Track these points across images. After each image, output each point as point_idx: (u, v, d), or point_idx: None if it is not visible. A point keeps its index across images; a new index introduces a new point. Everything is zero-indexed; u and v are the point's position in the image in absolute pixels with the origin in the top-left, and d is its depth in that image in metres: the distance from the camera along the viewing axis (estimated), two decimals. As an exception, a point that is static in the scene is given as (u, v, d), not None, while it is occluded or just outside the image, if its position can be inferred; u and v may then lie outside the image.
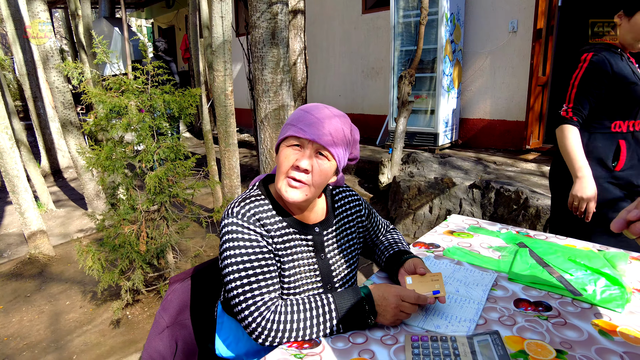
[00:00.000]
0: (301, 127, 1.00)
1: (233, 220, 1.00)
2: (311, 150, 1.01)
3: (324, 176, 1.03)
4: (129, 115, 2.42)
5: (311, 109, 1.04)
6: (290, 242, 1.07)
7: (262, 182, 1.14)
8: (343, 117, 1.05)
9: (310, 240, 1.11)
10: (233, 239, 0.99)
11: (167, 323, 1.31)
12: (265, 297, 0.97)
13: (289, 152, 1.01)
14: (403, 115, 4.26)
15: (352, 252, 1.22)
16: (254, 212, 1.02)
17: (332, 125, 1.01)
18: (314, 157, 1.01)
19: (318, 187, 1.04)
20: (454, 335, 0.93)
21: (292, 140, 1.02)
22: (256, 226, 1.01)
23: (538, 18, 4.55)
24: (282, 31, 3.26)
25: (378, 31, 6.28)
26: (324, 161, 1.02)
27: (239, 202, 1.05)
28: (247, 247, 0.99)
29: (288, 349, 0.93)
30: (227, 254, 0.99)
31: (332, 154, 1.02)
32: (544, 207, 3.01)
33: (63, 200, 5.44)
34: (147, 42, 6.97)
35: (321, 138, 0.99)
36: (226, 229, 1.01)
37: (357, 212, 1.25)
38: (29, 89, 5.99)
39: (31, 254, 3.65)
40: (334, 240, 1.16)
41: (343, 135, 1.03)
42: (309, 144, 1.00)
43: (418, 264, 1.11)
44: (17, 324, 2.77)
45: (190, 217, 2.86)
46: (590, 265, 1.25)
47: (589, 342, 0.91)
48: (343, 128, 1.03)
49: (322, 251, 1.13)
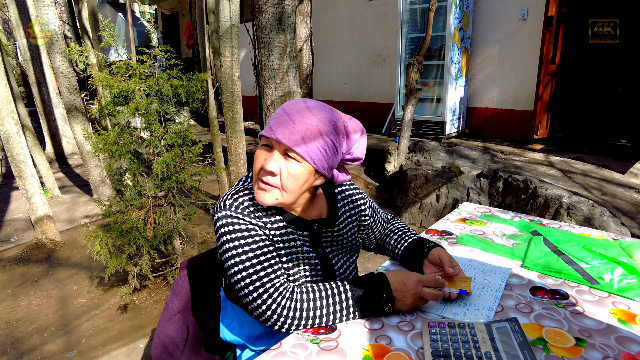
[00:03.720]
0: (271, 125, 0.93)
1: (226, 212, 0.97)
2: (278, 152, 0.93)
3: (295, 178, 0.94)
4: (136, 99, 2.40)
5: (288, 105, 0.95)
6: (288, 235, 1.03)
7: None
8: (323, 114, 0.94)
9: (307, 236, 1.07)
10: (230, 231, 0.95)
11: (178, 308, 1.31)
12: (275, 282, 0.95)
13: (259, 153, 0.96)
14: (411, 103, 4.22)
15: (353, 245, 1.19)
16: (247, 204, 0.99)
17: (306, 123, 0.91)
18: (283, 159, 0.93)
19: (292, 191, 0.95)
20: (471, 322, 0.92)
21: (263, 139, 0.95)
22: (251, 217, 0.97)
23: (549, 5, 4.47)
24: (290, 16, 3.22)
25: (385, 18, 6.20)
26: (292, 163, 0.93)
27: (231, 194, 1.01)
28: (246, 237, 0.95)
29: (304, 334, 0.92)
30: (227, 247, 0.95)
31: (301, 156, 0.92)
32: (553, 196, 2.99)
33: (68, 186, 5.45)
34: (152, 29, 6.91)
35: (288, 138, 0.90)
36: (221, 222, 0.97)
37: (360, 211, 1.20)
38: (33, 74, 5.96)
39: (38, 239, 3.66)
40: (333, 235, 1.13)
41: (318, 133, 0.92)
42: (277, 144, 0.93)
43: (444, 256, 1.09)
44: (26, 308, 2.79)
45: (197, 203, 2.85)
46: (606, 254, 1.24)
47: (608, 330, 0.90)
48: (319, 126, 0.92)
49: (319, 246, 1.10)
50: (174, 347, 1.28)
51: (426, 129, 5.29)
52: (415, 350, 0.85)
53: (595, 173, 3.70)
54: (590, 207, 2.85)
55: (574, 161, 4.04)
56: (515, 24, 4.91)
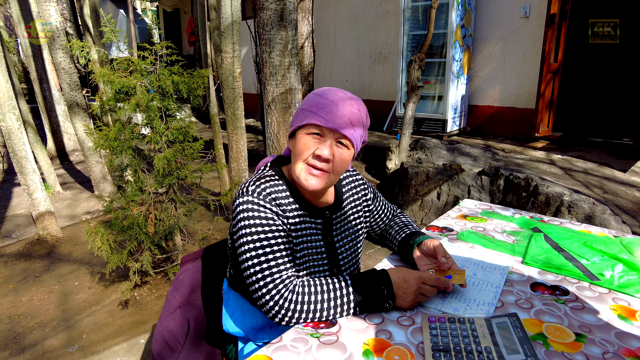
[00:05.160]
0: (322, 115, 0.98)
1: (248, 198, 0.99)
2: (332, 139, 0.99)
3: (344, 164, 1.02)
4: (137, 95, 2.40)
5: (329, 95, 1.01)
6: (302, 223, 1.06)
7: (273, 163, 1.13)
8: (359, 102, 1.03)
9: (320, 224, 1.11)
10: (249, 217, 0.98)
11: (179, 303, 1.32)
12: (283, 275, 0.96)
13: (308, 140, 1.00)
14: (412, 100, 4.21)
15: (358, 235, 1.22)
16: (269, 191, 1.01)
17: (352, 112, 0.99)
18: (334, 146, 1.00)
19: (337, 175, 1.03)
20: (471, 317, 0.92)
21: (312, 128, 0.99)
22: (272, 205, 1.00)
23: (552, 3, 4.46)
24: (291, 13, 3.21)
25: (387, 15, 6.18)
26: (344, 150, 1.01)
27: (254, 181, 1.03)
28: (264, 224, 0.97)
29: (304, 328, 0.93)
30: (243, 232, 0.97)
31: (352, 142, 1.01)
32: (554, 194, 2.99)
33: (69, 182, 5.46)
34: (153, 25, 6.91)
35: (342, 127, 0.98)
36: (242, 207, 0.99)
37: (363, 195, 1.25)
38: (34, 70, 5.96)
39: (39, 234, 3.67)
40: (341, 223, 1.16)
41: (361, 121, 1.02)
42: (330, 132, 0.99)
43: (436, 246, 1.10)
44: (27, 303, 2.80)
45: (198, 199, 2.85)
46: (606, 250, 1.24)
47: (608, 326, 0.90)
48: (360, 114, 1.02)
49: (329, 234, 1.13)
50: (174, 342, 1.28)
51: (427, 126, 5.28)
52: (416, 345, 0.85)
53: (596, 171, 3.69)
54: (592, 205, 2.85)
55: (576, 159, 4.03)
56: (517, 21, 4.89)
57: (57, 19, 3.98)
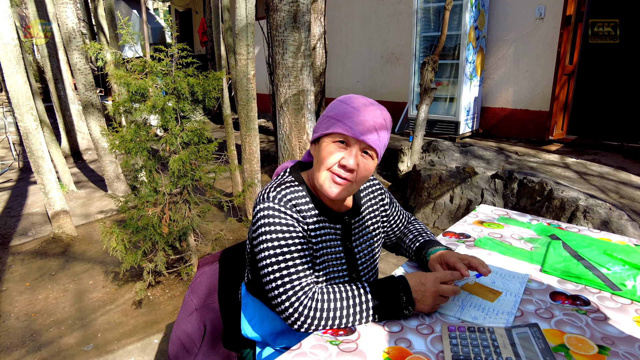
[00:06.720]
0: (349, 124, 0.97)
1: (269, 204, 1.00)
2: (357, 148, 0.99)
3: (368, 174, 1.02)
4: (153, 97, 2.42)
5: (355, 103, 1.01)
6: (321, 229, 1.07)
7: (293, 168, 1.13)
8: (383, 109, 1.03)
9: (339, 230, 1.11)
10: (270, 223, 0.98)
11: (196, 305, 1.32)
12: (303, 282, 0.96)
13: (334, 149, 0.99)
14: (425, 102, 4.19)
15: (376, 240, 1.22)
16: (289, 197, 1.02)
17: (378, 122, 0.99)
18: (360, 156, 1.00)
19: (360, 184, 1.03)
20: (491, 327, 0.91)
21: (337, 136, 0.99)
22: (293, 211, 1.00)
23: (568, 4, 4.40)
24: (304, 15, 3.21)
25: (399, 16, 6.16)
26: (368, 160, 1.01)
27: (274, 187, 1.04)
28: (285, 231, 0.98)
29: (323, 335, 0.93)
30: (263, 238, 0.98)
31: (376, 153, 1.01)
32: (569, 199, 2.95)
33: (83, 181, 5.53)
34: (168, 26, 6.94)
35: (369, 138, 0.97)
36: (262, 213, 1.00)
37: (380, 200, 1.25)
38: (50, 70, 6.05)
39: (55, 233, 3.73)
40: (360, 229, 1.17)
41: (386, 129, 1.02)
42: (356, 142, 0.98)
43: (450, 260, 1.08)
44: (44, 301, 2.85)
45: (212, 200, 2.87)
46: (627, 259, 1.22)
47: (632, 338, 0.89)
48: (385, 122, 1.01)
49: (348, 240, 1.13)
50: (191, 344, 1.29)
51: (440, 128, 5.25)
52: (436, 354, 0.85)
53: (612, 175, 3.64)
54: (608, 210, 2.81)
55: (591, 163, 3.98)
56: (532, 22, 4.84)
57: (74, 20, 4.04)
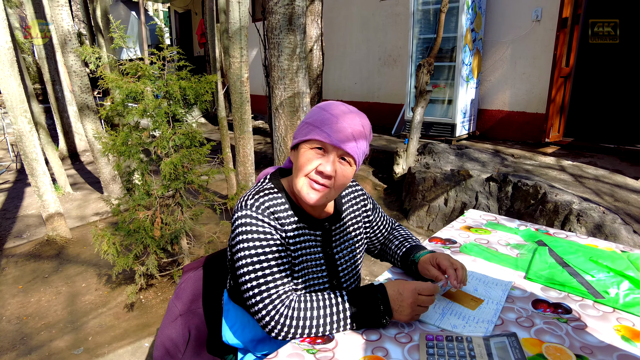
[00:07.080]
0: (327, 132, 0.98)
1: (247, 212, 0.99)
2: (335, 155, 0.99)
3: (346, 180, 1.02)
4: (145, 100, 2.42)
5: (334, 110, 1.01)
6: (301, 236, 1.06)
7: (272, 175, 1.13)
8: (362, 116, 1.03)
9: (320, 236, 1.10)
10: (247, 231, 0.98)
11: (181, 311, 1.32)
12: (280, 290, 0.96)
13: (312, 155, 0.99)
14: (420, 104, 4.19)
15: (359, 247, 1.21)
16: (268, 205, 1.01)
17: (356, 129, 0.99)
18: (337, 162, 1.00)
19: (338, 190, 1.03)
20: (469, 336, 0.91)
21: (315, 143, 1.00)
22: (270, 219, 1.00)
23: (564, 6, 4.40)
24: (300, 17, 3.21)
25: (397, 18, 6.16)
26: (346, 167, 1.01)
27: (253, 194, 1.03)
28: (262, 239, 0.97)
29: (300, 344, 0.92)
30: (240, 247, 0.98)
31: (355, 160, 1.01)
32: (563, 202, 2.95)
33: (80, 183, 5.53)
34: (164, 27, 6.95)
35: (346, 145, 0.98)
36: (240, 221, 0.99)
37: (363, 205, 1.24)
38: (48, 72, 6.05)
39: (49, 235, 3.72)
40: (341, 234, 1.16)
41: (364, 136, 1.02)
42: (334, 149, 0.99)
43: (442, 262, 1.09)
44: (36, 304, 2.84)
45: (205, 203, 2.87)
46: (612, 266, 1.21)
47: (611, 348, 0.88)
48: (364, 130, 1.01)
49: (329, 246, 1.12)
50: (175, 350, 1.29)
51: (436, 130, 5.24)
52: (412, 364, 0.84)
53: (607, 178, 3.63)
54: (601, 214, 2.80)
55: (586, 166, 3.97)
56: (528, 25, 4.84)
57: (69, 23, 4.03)
